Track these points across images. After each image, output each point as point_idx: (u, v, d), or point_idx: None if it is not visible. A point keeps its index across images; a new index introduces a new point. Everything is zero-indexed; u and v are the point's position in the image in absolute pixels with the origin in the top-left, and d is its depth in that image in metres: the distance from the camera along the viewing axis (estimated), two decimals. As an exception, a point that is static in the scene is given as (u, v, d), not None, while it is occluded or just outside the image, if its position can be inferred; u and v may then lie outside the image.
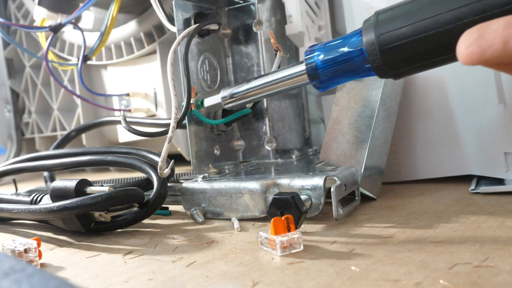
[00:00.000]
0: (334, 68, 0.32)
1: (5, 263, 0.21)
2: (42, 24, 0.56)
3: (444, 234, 0.29)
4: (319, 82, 0.33)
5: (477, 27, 0.25)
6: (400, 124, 0.46)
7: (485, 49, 0.25)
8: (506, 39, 0.24)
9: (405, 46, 0.28)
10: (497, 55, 0.24)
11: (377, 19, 0.29)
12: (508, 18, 0.24)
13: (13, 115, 0.91)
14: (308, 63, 0.33)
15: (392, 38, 0.29)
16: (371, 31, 0.29)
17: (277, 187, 0.36)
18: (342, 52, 0.31)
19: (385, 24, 0.29)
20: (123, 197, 0.36)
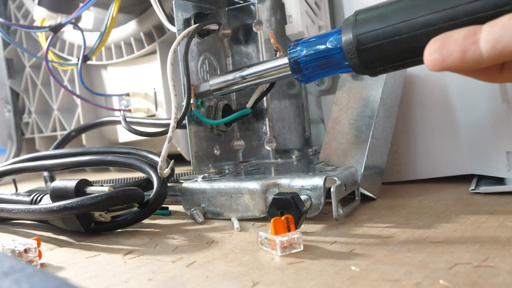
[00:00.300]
0: (315, 63, 0.34)
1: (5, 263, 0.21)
2: (42, 24, 0.56)
3: (444, 234, 0.29)
4: (301, 75, 0.35)
5: (442, 35, 0.26)
6: (400, 123, 0.46)
7: (446, 57, 0.26)
8: (464, 49, 0.25)
9: (380, 47, 0.30)
10: (456, 64, 0.26)
11: (356, 19, 0.31)
12: (468, 29, 0.26)
13: (13, 115, 0.91)
14: (291, 57, 0.35)
15: (368, 39, 0.30)
16: (349, 31, 0.31)
17: (277, 187, 0.36)
18: (323, 49, 0.33)
19: (362, 25, 0.30)
20: (123, 197, 0.36)
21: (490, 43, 0.25)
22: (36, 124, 0.89)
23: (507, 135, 0.38)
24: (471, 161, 0.43)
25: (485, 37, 0.25)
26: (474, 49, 0.25)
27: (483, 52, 0.25)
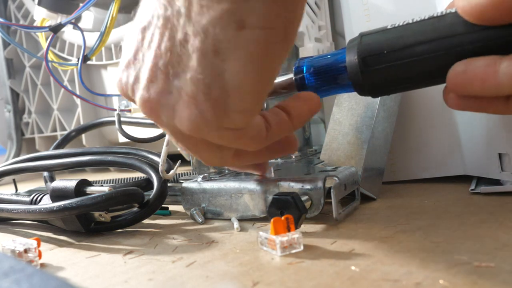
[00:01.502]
0: (320, 82, 0.34)
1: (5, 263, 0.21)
2: (42, 24, 0.56)
3: (444, 234, 0.29)
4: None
5: (466, 61, 0.28)
6: (397, 123, 0.46)
7: (467, 82, 0.27)
8: (484, 77, 0.27)
9: (383, 71, 0.30)
10: (476, 90, 0.27)
11: (360, 42, 0.31)
12: (490, 58, 0.27)
13: (13, 115, 0.91)
14: (296, 73, 0.35)
15: (372, 62, 0.31)
16: (354, 52, 0.31)
17: (277, 187, 0.36)
18: (328, 68, 0.34)
19: (367, 48, 0.31)
20: (123, 197, 0.36)
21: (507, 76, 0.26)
22: (36, 124, 0.89)
23: (499, 137, 0.38)
24: (466, 162, 0.43)
25: (504, 70, 0.26)
26: (492, 78, 0.26)
27: (501, 82, 0.26)
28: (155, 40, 0.26)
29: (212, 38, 0.24)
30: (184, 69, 0.26)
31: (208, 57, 0.25)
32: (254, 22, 0.24)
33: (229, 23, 0.24)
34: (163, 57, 0.26)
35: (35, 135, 0.89)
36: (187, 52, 0.25)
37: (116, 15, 0.53)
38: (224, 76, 0.25)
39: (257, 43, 0.25)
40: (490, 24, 0.26)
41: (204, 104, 0.26)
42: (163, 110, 0.27)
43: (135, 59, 0.28)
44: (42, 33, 0.58)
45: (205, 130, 0.27)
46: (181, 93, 0.26)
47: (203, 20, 0.24)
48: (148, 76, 0.27)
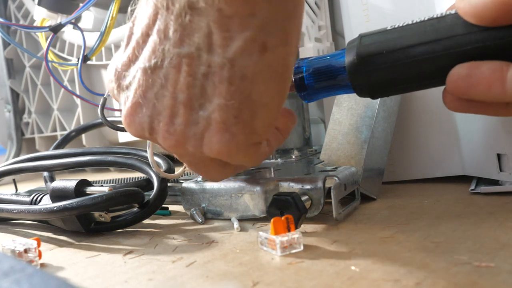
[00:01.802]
0: (319, 82, 0.34)
1: (5, 263, 0.21)
2: (42, 24, 0.56)
3: (444, 234, 0.29)
4: (306, 93, 0.35)
5: (470, 64, 0.27)
6: (396, 123, 0.46)
7: (470, 87, 0.27)
8: (490, 83, 0.26)
9: (382, 72, 0.30)
10: (479, 96, 0.27)
11: (360, 43, 0.31)
12: (497, 64, 0.26)
13: (13, 115, 0.91)
14: (296, 74, 0.35)
15: (371, 63, 0.31)
16: (353, 54, 0.31)
17: (277, 187, 0.36)
18: (327, 69, 0.34)
19: (366, 49, 0.31)
20: (123, 197, 0.36)
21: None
22: (36, 124, 0.89)
23: (497, 138, 0.38)
24: (465, 162, 0.43)
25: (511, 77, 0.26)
26: (499, 85, 0.26)
27: (507, 91, 0.26)
28: (171, 78, 0.27)
29: (238, 65, 0.25)
30: (210, 99, 0.26)
31: (235, 83, 0.25)
32: (275, 43, 0.25)
33: (253, 49, 0.25)
34: (184, 92, 0.27)
35: (35, 135, 0.89)
36: (213, 83, 0.26)
37: (116, 15, 0.53)
38: (252, 98, 0.26)
39: (279, 61, 0.26)
40: (490, 25, 0.26)
41: (234, 127, 0.27)
42: (190, 141, 0.28)
43: (146, 99, 0.28)
44: (42, 33, 0.58)
45: (234, 152, 0.28)
46: (209, 121, 0.27)
47: (228, 51, 0.25)
48: (169, 112, 0.27)
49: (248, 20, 0.24)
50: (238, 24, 0.24)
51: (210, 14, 0.24)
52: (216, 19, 0.24)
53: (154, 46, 0.27)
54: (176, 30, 0.26)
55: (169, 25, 0.26)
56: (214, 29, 0.25)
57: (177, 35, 0.26)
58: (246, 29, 0.24)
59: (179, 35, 0.26)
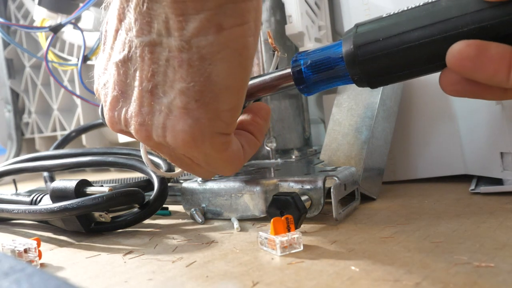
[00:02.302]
0: (318, 74, 0.34)
1: (5, 263, 0.21)
2: (42, 24, 0.56)
3: (444, 234, 0.29)
4: (304, 86, 0.35)
5: (477, 44, 0.26)
6: (397, 123, 0.46)
7: (477, 69, 0.26)
8: (497, 68, 0.26)
9: (380, 59, 0.30)
10: (483, 79, 0.26)
11: (356, 31, 0.31)
12: (505, 48, 0.26)
13: (13, 115, 0.91)
14: (294, 67, 0.35)
15: (368, 50, 0.31)
16: (350, 43, 0.31)
17: (277, 187, 0.36)
18: (325, 60, 0.33)
19: (362, 37, 0.31)
20: (124, 198, 0.36)
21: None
22: (36, 124, 0.89)
23: (501, 136, 0.38)
24: (467, 161, 0.43)
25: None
26: (505, 72, 0.25)
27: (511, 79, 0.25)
28: (138, 68, 0.27)
29: (195, 46, 0.26)
30: (172, 85, 0.27)
31: (195, 65, 0.26)
32: (231, 22, 0.26)
33: (209, 29, 0.26)
34: (149, 80, 0.27)
35: (35, 135, 0.89)
36: (173, 67, 0.26)
37: (116, 15, 0.53)
38: (212, 78, 0.26)
39: (236, 40, 0.26)
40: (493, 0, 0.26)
41: (196, 111, 0.27)
42: (155, 131, 0.28)
43: (122, 93, 0.29)
44: (42, 33, 0.58)
45: (199, 140, 0.28)
46: (171, 108, 0.27)
47: (185, 33, 0.26)
48: (138, 103, 0.28)
49: (202, 3, 0.25)
50: (192, 8, 0.25)
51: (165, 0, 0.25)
52: (171, 4, 0.25)
53: (122, 39, 0.28)
54: (136, 20, 0.26)
55: (130, 16, 0.27)
56: (170, 14, 0.25)
57: (138, 24, 0.26)
58: (200, 11, 0.25)
59: (140, 24, 0.26)
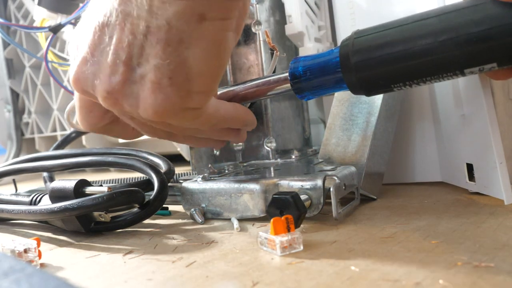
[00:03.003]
0: (315, 80, 0.34)
1: (5, 263, 0.21)
2: (42, 24, 0.56)
3: (444, 234, 0.29)
4: (302, 92, 0.35)
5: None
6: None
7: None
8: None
9: (376, 68, 0.31)
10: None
11: (353, 40, 0.32)
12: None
13: (13, 115, 0.91)
14: (292, 72, 0.35)
15: (364, 60, 0.31)
16: (346, 50, 0.32)
17: (277, 187, 0.36)
18: (322, 67, 0.34)
19: (359, 47, 0.31)
20: (124, 198, 0.35)
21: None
22: (36, 124, 0.89)
23: (465, 147, 0.39)
24: (441, 170, 0.44)
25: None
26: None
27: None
28: (115, 35, 0.28)
29: (175, 29, 0.26)
30: (148, 59, 0.27)
31: (172, 45, 0.27)
32: (214, 15, 0.27)
33: (191, 16, 0.26)
34: (125, 50, 0.28)
35: (35, 135, 0.89)
36: (151, 42, 0.27)
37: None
38: (188, 62, 0.27)
39: (216, 33, 0.27)
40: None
41: (169, 88, 0.28)
42: (127, 100, 0.29)
43: (92, 56, 0.29)
44: (42, 33, 0.58)
45: (169, 113, 0.29)
46: (145, 81, 0.28)
47: (166, 13, 0.26)
48: (110, 70, 0.28)
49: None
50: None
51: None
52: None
53: (105, 4, 0.28)
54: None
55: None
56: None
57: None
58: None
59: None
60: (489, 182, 0.36)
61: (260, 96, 0.38)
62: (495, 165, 0.34)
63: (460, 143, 0.39)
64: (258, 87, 0.37)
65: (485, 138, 0.35)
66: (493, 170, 0.35)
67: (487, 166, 0.35)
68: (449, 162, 0.42)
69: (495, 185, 0.35)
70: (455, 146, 0.41)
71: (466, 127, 0.38)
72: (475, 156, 0.37)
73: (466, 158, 0.39)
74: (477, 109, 0.36)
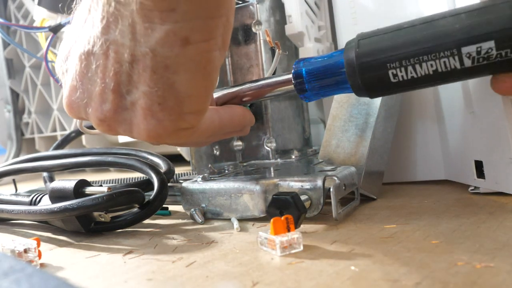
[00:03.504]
0: (318, 82, 0.34)
1: (5, 263, 0.21)
2: (42, 24, 0.56)
3: (444, 234, 0.29)
4: (304, 92, 0.35)
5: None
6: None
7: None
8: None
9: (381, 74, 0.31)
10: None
11: (358, 43, 0.32)
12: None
13: (13, 115, 0.91)
14: (295, 73, 0.35)
15: (368, 63, 0.31)
16: (351, 53, 0.32)
17: (277, 187, 0.36)
18: (326, 68, 0.34)
19: (363, 49, 0.32)
20: (124, 198, 0.35)
21: None
22: (36, 124, 0.89)
23: (474, 144, 0.39)
24: (446, 168, 0.44)
25: None
26: None
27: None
28: (101, 64, 0.28)
29: (160, 56, 0.26)
30: (136, 86, 0.27)
31: (159, 72, 0.26)
32: (198, 38, 0.26)
33: (174, 42, 0.26)
34: (112, 78, 0.28)
35: (35, 135, 0.89)
36: (137, 70, 0.27)
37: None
38: (176, 86, 0.27)
39: (202, 55, 0.27)
40: None
41: (160, 113, 0.28)
42: (120, 126, 0.29)
43: (81, 84, 0.29)
44: (42, 33, 0.58)
45: (163, 136, 0.29)
46: (136, 107, 0.28)
47: (150, 40, 0.26)
48: (99, 98, 0.29)
49: (168, 14, 0.25)
50: (158, 17, 0.25)
51: (133, 5, 0.25)
52: (138, 10, 0.25)
53: (88, 33, 0.28)
54: (104, 18, 0.27)
55: (98, 12, 0.27)
56: (137, 19, 0.26)
57: (105, 22, 0.27)
58: (166, 23, 0.25)
59: (106, 22, 0.27)
60: (502, 178, 0.36)
61: (263, 97, 0.38)
62: (510, 161, 0.34)
63: (468, 140, 0.39)
64: (261, 88, 0.38)
65: (498, 134, 0.35)
66: (507, 166, 0.34)
67: (500, 162, 0.35)
68: (454, 159, 0.42)
69: (510, 182, 0.35)
70: (461, 144, 0.40)
71: (476, 124, 0.38)
72: (485, 153, 0.37)
73: (474, 155, 0.39)
74: (489, 106, 0.36)
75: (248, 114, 0.38)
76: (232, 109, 0.37)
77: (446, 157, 0.44)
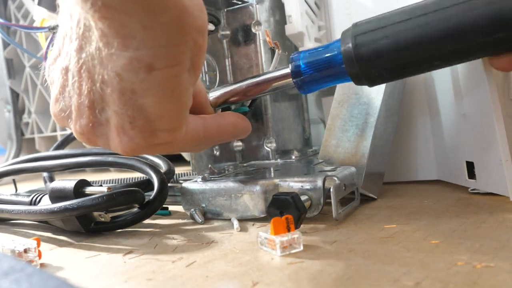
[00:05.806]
0: (317, 73, 0.34)
1: (5, 263, 0.21)
2: (42, 24, 0.56)
3: (444, 234, 0.29)
4: (303, 84, 0.35)
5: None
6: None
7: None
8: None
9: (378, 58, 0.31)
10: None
11: (354, 31, 0.32)
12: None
13: (13, 115, 0.91)
14: (292, 66, 0.35)
15: (365, 50, 0.31)
16: (347, 41, 0.32)
17: (277, 187, 0.36)
18: (324, 58, 0.34)
19: (360, 36, 0.32)
20: (124, 198, 0.36)
21: None
22: (36, 124, 0.89)
23: (465, 145, 0.39)
24: (438, 168, 0.44)
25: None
26: None
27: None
28: (77, 81, 0.28)
29: (126, 80, 0.26)
30: (108, 104, 0.27)
31: (126, 94, 0.26)
32: (162, 64, 0.26)
33: (139, 68, 0.26)
34: (86, 95, 0.28)
35: (35, 135, 0.89)
36: (107, 91, 0.27)
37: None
38: (145, 108, 0.27)
39: (167, 80, 0.26)
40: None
41: (131, 131, 0.28)
42: (98, 139, 0.29)
43: (62, 96, 0.30)
44: (42, 33, 0.58)
45: (138, 151, 0.29)
46: (110, 124, 0.28)
47: (115, 65, 0.26)
48: (76, 113, 0.29)
49: (129, 41, 0.25)
50: (120, 44, 0.25)
51: (95, 31, 0.25)
52: (101, 37, 0.25)
53: (66, 48, 0.28)
54: (76, 38, 0.27)
55: (73, 31, 0.27)
56: (101, 45, 0.26)
57: (77, 42, 0.27)
58: (128, 49, 0.25)
59: (79, 42, 0.27)
60: (493, 179, 0.36)
61: (261, 93, 0.38)
62: (500, 162, 0.34)
63: (460, 141, 0.39)
64: (259, 84, 0.37)
65: (488, 136, 0.35)
66: (498, 167, 0.35)
67: (490, 164, 0.35)
68: (446, 160, 0.42)
69: (500, 183, 0.35)
70: (454, 145, 0.41)
71: (467, 126, 0.38)
72: (477, 154, 0.37)
73: (465, 156, 0.39)
74: (480, 107, 0.36)
75: (242, 122, 0.37)
76: (223, 118, 0.36)
77: (439, 157, 0.44)
